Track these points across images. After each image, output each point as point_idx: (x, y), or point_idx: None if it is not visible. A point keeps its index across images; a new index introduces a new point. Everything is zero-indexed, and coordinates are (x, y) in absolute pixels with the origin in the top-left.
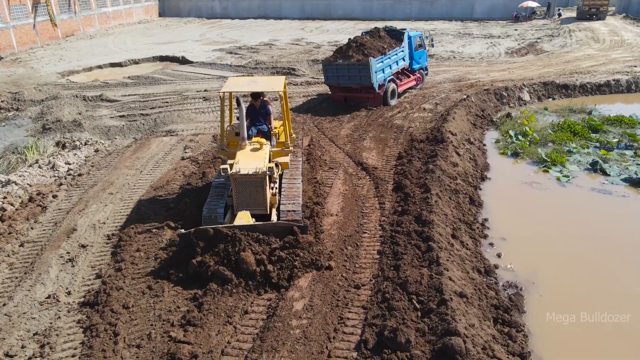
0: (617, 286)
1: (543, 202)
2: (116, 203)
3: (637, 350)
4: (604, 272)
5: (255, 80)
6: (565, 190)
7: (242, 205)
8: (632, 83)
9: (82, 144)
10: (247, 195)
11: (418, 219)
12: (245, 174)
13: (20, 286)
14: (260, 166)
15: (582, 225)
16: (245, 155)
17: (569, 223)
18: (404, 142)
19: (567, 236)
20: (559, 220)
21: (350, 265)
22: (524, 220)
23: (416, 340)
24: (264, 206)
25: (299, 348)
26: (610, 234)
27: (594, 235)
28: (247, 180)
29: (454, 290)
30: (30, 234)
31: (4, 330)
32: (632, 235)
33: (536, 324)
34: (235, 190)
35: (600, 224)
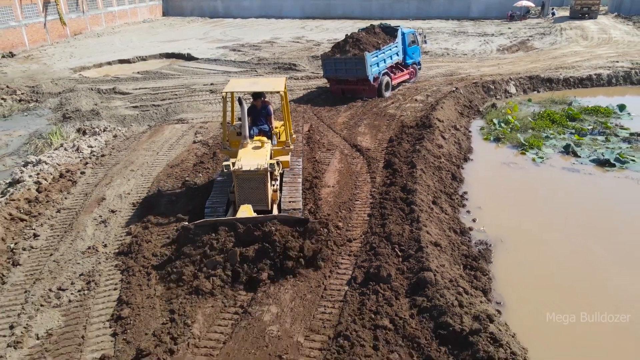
0: (570, 241)
1: (518, 179)
2: (138, 178)
3: (589, 289)
4: (564, 231)
5: (257, 82)
6: (539, 169)
7: (244, 202)
8: (613, 77)
9: (101, 131)
10: (249, 191)
11: (404, 189)
12: (247, 171)
13: (62, 241)
14: (261, 163)
15: (550, 197)
16: (247, 153)
17: (538, 195)
18: (396, 128)
19: (535, 206)
20: (531, 193)
21: (344, 225)
22: (499, 194)
23: (396, 276)
24: (266, 202)
25: (300, 283)
26: (572, 205)
27: (559, 205)
28: (249, 177)
29: (430, 241)
30: (65, 203)
31: (55, 272)
32: (590, 203)
33: (500, 270)
34: (237, 186)
35: (565, 196)
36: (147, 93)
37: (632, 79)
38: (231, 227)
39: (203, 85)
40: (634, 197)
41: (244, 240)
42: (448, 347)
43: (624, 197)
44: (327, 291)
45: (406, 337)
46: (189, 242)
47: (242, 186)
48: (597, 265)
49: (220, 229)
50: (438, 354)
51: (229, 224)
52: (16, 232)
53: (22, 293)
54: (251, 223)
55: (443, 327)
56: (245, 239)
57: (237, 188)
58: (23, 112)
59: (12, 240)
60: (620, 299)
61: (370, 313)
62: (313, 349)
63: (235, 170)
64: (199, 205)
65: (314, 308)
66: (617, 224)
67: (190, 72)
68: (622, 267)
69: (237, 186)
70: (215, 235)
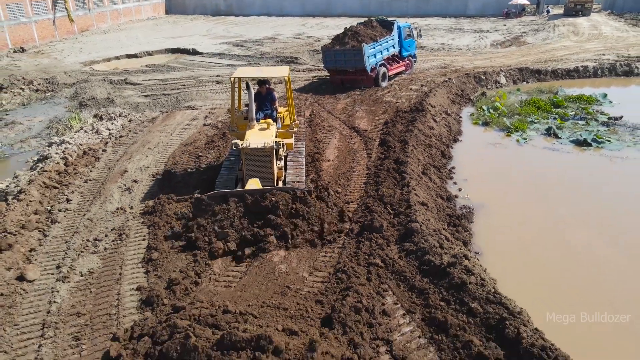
0: (544, 206)
1: (502, 156)
2: (155, 155)
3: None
4: (540, 199)
5: (262, 69)
6: (522, 149)
7: (252, 178)
8: (599, 69)
9: (117, 116)
10: (256, 168)
11: (396, 161)
12: (255, 148)
13: (93, 204)
14: (268, 141)
15: (530, 172)
16: (254, 134)
17: (520, 170)
18: (391, 113)
19: (516, 179)
20: (513, 168)
21: (343, 190)
22: (484, 169)
23: (387, 228)
24: (272, 179)
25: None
26: (549, 178)
27: (537, 178)
28: (256, 154)
29: (418, 201)
30: (91, 175)
31: (90, 227)
32: (566, 177)
33: (480, 229)
34: (245, 163)
35: (544, 171)
36: (156, 84)
37: (617, 70)
38: (240, 199)
39: (209, 77)
40: (606, 171)
41: (253, 210)
42: (429, 278)
43: (597, 171)
44: (327, 241)
45: (394, 272)
46: (201, 211)
47: (250, 163)
48: (564, 224)
49: (230, 200)
50: (421, 283)
51: (238, 195)
52: (51, 197)
53: (63, 243)
54: (258, 194)
55: (426, 264)
56: (253, 209)
57: (245, 165)
58: (41, 100)
59: (48, 203)
60: (578, 244)
61: (364, 255)
62: (316, 282)
63: (244, 148)
64: (211, 176)
65: (316, 253)
66: (586, 193)
67: (197, 65)
68: (583, 224)
69: (245, 163)
70: (225, 205)
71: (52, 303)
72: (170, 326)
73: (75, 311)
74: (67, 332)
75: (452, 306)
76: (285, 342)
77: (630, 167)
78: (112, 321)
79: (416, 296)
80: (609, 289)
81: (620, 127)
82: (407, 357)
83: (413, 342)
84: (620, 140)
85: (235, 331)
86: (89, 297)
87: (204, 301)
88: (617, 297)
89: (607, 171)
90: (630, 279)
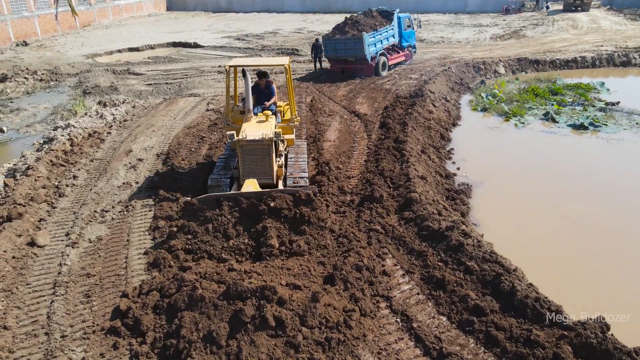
0: (542, 181)
1: (500, 139)
2: (159, 136)
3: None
4: (537, 177)
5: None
6: (520, 132)
7: (248, 175)
8: (597, 59)
9: (121, 103)
10: (253, 163)
11: (396, 140)
12: (252, 140)
13: (100, 180)
14: (267, 132)
15: (527, 152)
16: (251, 126)
17: (517, 151)
18: (391, 99)
19: (514, 159)
20: (511, 150)
21: (344, 167)
22: (483, 150)
23: (387, 198)
24: (271, 175)
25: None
26: (547, 158)
27: (535, 158)
28: (254, 147)
29: (417, 175)
30: (96, 155)
31: (97, 200)
32: (563, 157)
33: (478, 203)
34: (241, 158)
35: (541, 152)
36: (159, 74)
37: (615, 61)
38: (235, 202)
39: (211, 67)
40: (602, 151)
41: (250, 215)
42: (428, 242)
43: (593, 151)
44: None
45: (394, 238)
46: (192, 217)
47: (246, 158)
48: (560, 198)
49: (224, 204)
50: (420, 246)
51: (232, 198)
52: (58, 174)
53: (72, 214)
54: (255, 197)
55: (424, 229)
56: (250, 214)
57: (241, 160)
58: (45, 89)
59: (56, 179)
60: (572, 215)
61: (365, 222)
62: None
63: (240, 140)
64: (215, 154)
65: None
66: (582, 170)
67: (198, 57)
68: (577, 197)
69: (241, 158)
70: (219, 210)
71: (62, 265)
72: (178, 280)
73: (85, 272)
74: (77, 290)
75: (450, 266)
76: (289, 294)
77: (626, 147)
78: (121, 281)
79: (415, 258)
80: (597, 247)
81: (617, 112)
82: (406, 311)
83: (412, 298)
84: (617, 124)
85: (240, 282)
86: (98, 260)
87: (209, 262)
88: (605, 253)
89: (603, 151)
90: (616, 237)
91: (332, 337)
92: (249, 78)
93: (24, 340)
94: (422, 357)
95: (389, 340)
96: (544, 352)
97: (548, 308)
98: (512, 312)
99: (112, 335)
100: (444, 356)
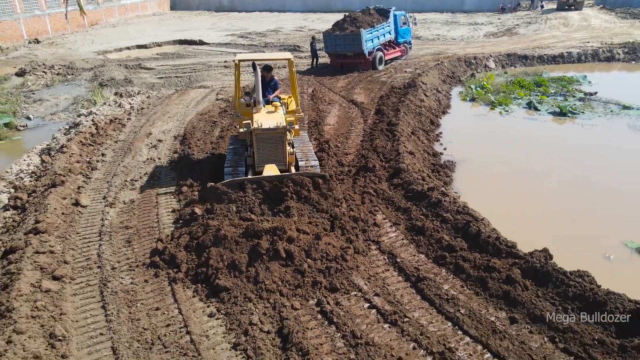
0: (521, 159)
1: (485, 125)
2: (175, 122)
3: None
4: (518, 155)
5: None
6: (503, 119)
7: (264, 161)
8: (582, 55)
9: (136, 94)
10: (268, 150)
11: (389, 124)
12: (267, 129)
13: (126, 156)
14: (280, 121)
15: (509, 135)
16: (263, 116)
17: (500, 135)
18: (386, 90)
19: (497, 141)
20: (494, 134)
21: (342, 146)
22: (469, 135)
23: (379, 169)
24: (284, 161)
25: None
26: (527, 140)
27: (516, 141)
28: (269, 136)
29: (406, 150)
30: (119, 137)
31: (125, 172)
32: (541, 139)
33: (461, 176)
34: (256, 146)
35: (522, 136)
36: (169, 68)
37: (600, 56)
38: (258, 185)
39: (218, 62)
40: (577, 135)
41: (272, 196)
42: (412, 201)
43: (569, 135)
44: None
45: (385, 199)
46: (216, 200)
47: (261, 146)
48: (536, 173)
49: (247, 187)
50: (405, 205)
51: (256, 181)
52: (88, 152)
53: (105, 183)
54: (277, 180)
55: (410, 192)
56: (273, 196)
57: (257, 148)
58: (63, 82)
59: (87, 156)
60: (545, 186)
61: (360, 187)
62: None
63: (255, 129)
64: (226, 134)
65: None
66: (557, 150)
67: (204, 53)
68: (552, 172)
69: (257, 146)
70: (243, 193)
71: (104, 220)
72: (204, 225)
73: (123, 225)
74: (119, 238)
75: (429, 218)
76: (297, 235)
77: (598, 131)
78: (155, 231)
79: (401, 214)
80: (552, 205)
81: (595, 101)
82: (392, 251)
83: (397, 242)
84: (593, 112)
85: (257, 224)
86: (133, 217)
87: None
88: (558, 209)
89: (577, 135)
90: (569, 198)
91: (331, 266)
92: (258, 70)
93: (81, 272)
94: (403, 282)
95: (377, 271)
96: (499, 275)
97: (505, 244)
98: (477, 249)
99: (152, 268)
100: (420, 280)
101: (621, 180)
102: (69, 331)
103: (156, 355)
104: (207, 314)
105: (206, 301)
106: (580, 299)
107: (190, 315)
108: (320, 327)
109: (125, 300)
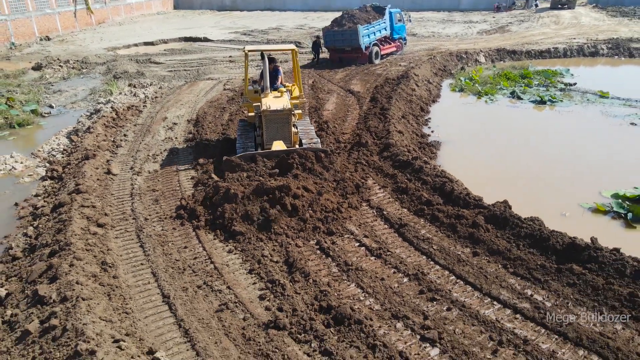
0: (502, 140)
1: (471, 112)
2: (187, 108)
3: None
4: (500, 136)
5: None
6: (488, 107)
7: (272, 139)
8: (568, 50)
9: (148, 85)
10: (276, 129)
11: (382, 108)
12: (275, 110)
13: (146, 135)
14: (286, 104)
15: (493, 120)
16: (270, 100)
17: (484, 120)
18: (381, 81)
19: (480, 125)
20: (478, 120)
21: (339, 127)
22: (455, 120)
23: (371, 145)
24: (290, 140)
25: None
26: (509, 123)
27: (498, 125)
28: (276, 116)
29: (396, 130)
30: (137, 121)
31: (147, 149)
32: (521, 124)
33: (445, 153)
34: (265, 125)
35: (504, 121)
36: (177, 63)
37: (585, 51)
38: (268, 157)
39: (223, 57)
40: (554, 120)
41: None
42: (399, 169)
43: (546, 120)
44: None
45: (375, 168)
46: (231, 171)
47: (270, 126)
48: (513, 151)
49: (258, 159)
50: (392, 172)
51: (265, 155)
52: (111, 133)
53: (130, 157)
54: (285, 154)
55: (397, 162)
56: (281, 167)
57: (265, 127)
58: (78, 75)
59: (111, 136)
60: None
61: (354, 159)
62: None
63: (264, 110)
64: (235, 118)
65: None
66: (535, 132)
67: (210, 49)
68: (528, 150)
69: (265, 125)
70: (255, 164)
71: (133, 185)
72: (216, 186)
73: (150, 189)
74: (148, 198)
75: (412, 181)
76: (301, 192)
77: (573, 117)
78: (178, 194)
79: (388, 179)
80: (518, 173)
81: (574, 91)
82: (380, 207)
83: (384, 200)
84: (571, 100)
85: (265, 182)
86: (158, 183)
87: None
88: (522, 177)
89: (553, 119)
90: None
91: (329, 216)
92: (267, 60)
93: (119, 222)
94: (388, 228)
95: (367, 220)
96: (467, 221)
97: (473, 199)
98: (450, 203)
99: (178, 219)
100: (402, 226)
101: (584, 154)
102: (116, 261)
103: (188, 277)
104: (227, 251)
105: (225, 242)
106: (530, 237)
107: (212, 251)
108: (319, 259)
109: (158, 241)
